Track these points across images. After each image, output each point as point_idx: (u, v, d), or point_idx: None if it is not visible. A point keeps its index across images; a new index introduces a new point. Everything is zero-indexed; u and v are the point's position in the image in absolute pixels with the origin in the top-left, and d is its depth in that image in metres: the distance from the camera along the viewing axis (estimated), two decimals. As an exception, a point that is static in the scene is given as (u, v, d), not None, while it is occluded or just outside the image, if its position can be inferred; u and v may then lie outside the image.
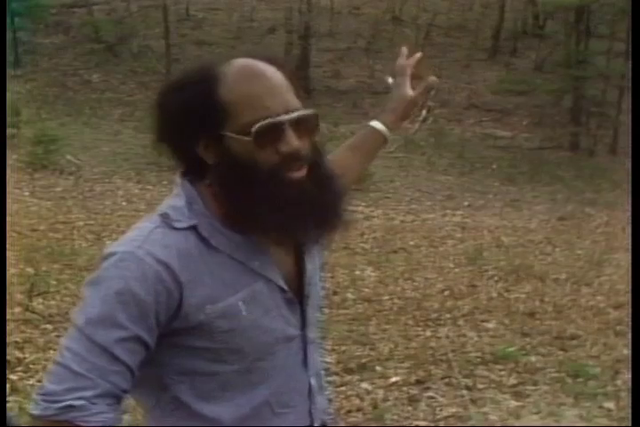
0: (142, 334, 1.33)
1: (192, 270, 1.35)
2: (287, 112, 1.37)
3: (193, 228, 1.38)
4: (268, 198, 1.36)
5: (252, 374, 1.43)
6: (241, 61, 1.41)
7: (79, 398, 1.29)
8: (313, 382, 1.53)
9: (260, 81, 1.37)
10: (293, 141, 1.36)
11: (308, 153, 1.39)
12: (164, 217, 1.39)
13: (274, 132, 1.35)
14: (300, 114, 1.38)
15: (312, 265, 1.54)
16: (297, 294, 1.49)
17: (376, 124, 1.86)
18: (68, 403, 1.29)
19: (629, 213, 2.78)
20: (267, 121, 1.35)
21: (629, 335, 3.93)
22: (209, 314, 1.36)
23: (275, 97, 1.37)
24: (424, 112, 19.19)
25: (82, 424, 1.29)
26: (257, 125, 1.34)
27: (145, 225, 1.41)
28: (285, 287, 1.45)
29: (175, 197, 1.43)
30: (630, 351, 2.34)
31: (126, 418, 3.83)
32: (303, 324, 1.50)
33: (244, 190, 1.37)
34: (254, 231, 1.40)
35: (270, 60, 1.43)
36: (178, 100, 1.38)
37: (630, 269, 2.41)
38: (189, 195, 1.42)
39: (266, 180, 1.36)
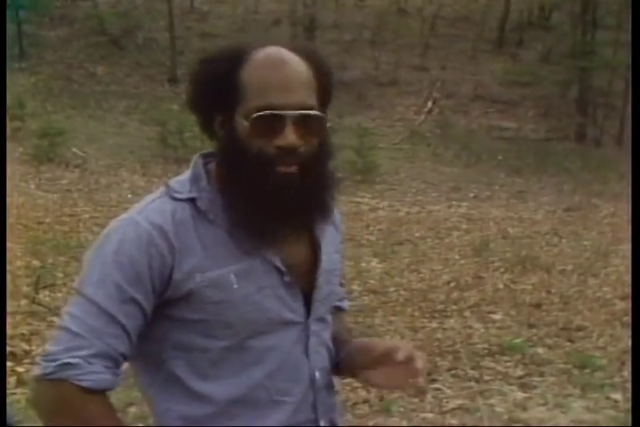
0: (138, 297, 1.38)
1: (184, 238, 1.40)
2: (293, 108, 1.38)
3: (191, 200, 1.43)
4: (252, 186, 1.40)
5: (245, 353, 1.43)
6: (271, 49, 1.43)
7: (76, 357, 1.34)
8: (318, 375, 1.52)
9: (279, 72, 1.39)
10: (290, 137, 1.38)
11: (305, 152, 1.40)
12: (167, 188, 1.46)
13: (272, 124, 1.38)
14: (303, 113, 1.39)
15: (328, 258, 1.54)
16: (306, 284, 1.49)
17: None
18: (65, 361, 1.34)
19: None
20: (266, 112, 1.37)
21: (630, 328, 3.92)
22: (199, 282, 1.39)
23: (286, 90, 1.39)
24: (429, 103, 19.18)
25: (76, 383, 1.33)
26: (256, 114, 1.38)
27: (149, 196, 1.48)
28: (283, 269, 1.45)
29: (185, 173, 1.49)
30: (631, 346, 2.33)
31: (133, 411, 3.83)
32: (308, 314, 1.50)
33: (234, 173, 1.42)
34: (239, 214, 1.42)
35: (306, 54, 1.44)
36: (204, 71, 1.45)
37: (631, 261, 2.39)
38: (196, 171, 1.47)
39: (255, 168, 1.39)
